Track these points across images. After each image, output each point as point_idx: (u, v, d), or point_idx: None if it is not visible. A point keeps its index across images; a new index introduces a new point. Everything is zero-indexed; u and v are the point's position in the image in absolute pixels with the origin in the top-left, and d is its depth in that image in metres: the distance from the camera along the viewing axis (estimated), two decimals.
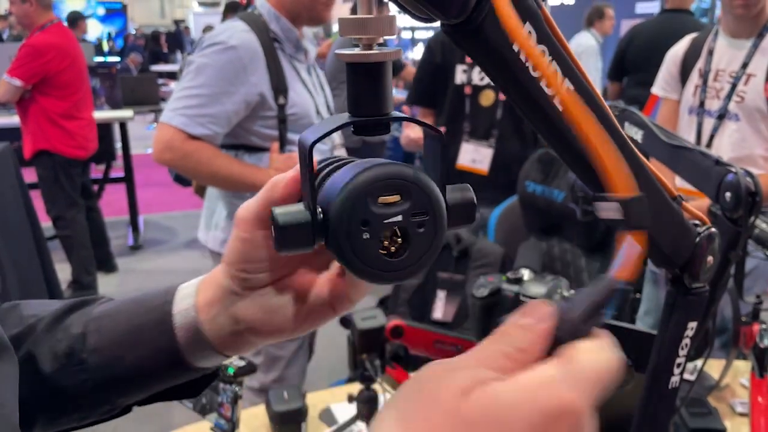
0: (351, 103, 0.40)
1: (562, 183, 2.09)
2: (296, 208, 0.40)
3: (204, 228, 1.95)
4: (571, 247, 2.13)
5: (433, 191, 0.39)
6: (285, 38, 1.79)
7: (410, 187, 0.38)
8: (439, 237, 0.40)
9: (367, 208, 0.38)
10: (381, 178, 0.38)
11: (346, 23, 0.38)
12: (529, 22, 0.40)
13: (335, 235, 0.38)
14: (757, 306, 1.35)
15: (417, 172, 0.39)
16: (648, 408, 0.63)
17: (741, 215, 0.82)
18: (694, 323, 0.60)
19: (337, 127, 0.39)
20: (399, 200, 0.38)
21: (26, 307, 0.59)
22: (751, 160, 2.00)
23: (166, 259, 4.73)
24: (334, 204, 0.38)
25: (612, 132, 0.48)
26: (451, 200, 0.41)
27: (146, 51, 12.23)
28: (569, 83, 0.43)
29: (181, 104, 1.68)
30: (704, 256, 0.57)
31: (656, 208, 0.54)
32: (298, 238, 0.39)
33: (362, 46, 0.39)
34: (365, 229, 0.38)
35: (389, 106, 0.40)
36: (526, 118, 0.45)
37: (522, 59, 0.41)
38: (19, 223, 2.44)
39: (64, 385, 0.53)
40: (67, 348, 0.53)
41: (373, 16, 0.38)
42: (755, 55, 1.99)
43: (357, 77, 0.40)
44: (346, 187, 0.38)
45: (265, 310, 0.50)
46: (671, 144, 0.98)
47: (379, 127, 0.41)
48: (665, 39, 3.68)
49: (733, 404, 1.39)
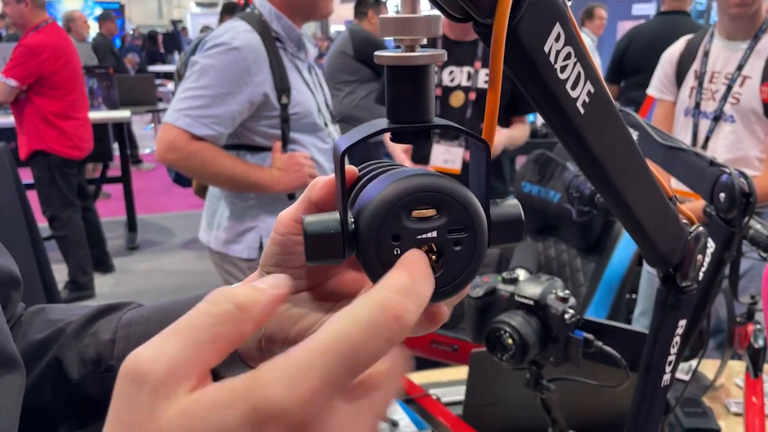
0: (390, 108, 0.38)
1: (557, 184, 2.10)
2: (329, 216, 0.37)
3: (206, 228, 1.95)
4: (567, 248, 2.14)
5: (472, 206, 0.36)
6: (287, 37, 1.80)
7: (447, 200, 0.35)
8: (479, 256, 0.37)
9: (399, 222, 0.35)
10: (415, 190, 0.35)
11: (388, 23, 0.36)
12: (558, 23, 0.39)
13: (364, 249, 0.36)
14: (751, 306, 1.36)
15: (456, 184, 0.36)
16: (640, 406, 0.63)
17: (735, 216, 0.83)
18: (684, 321, 0.60)
19: (373, 133, 0.37)
20: (435, 215, 0.35)
21: (53, 311, 0.57)
22: (747, 161, 2.01)
23: (163, 259, 4.72)
24: (364, 216, 0.35)
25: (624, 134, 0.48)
26: (495, 216, 0.38)
27: (144, 51, 12.22)
28: (590, 86, 0.43)
29: (185, 105, 1.68)
30: (694, 255, 0.57)
31: (656, 207, 0.54)
32: (327, 249, 0.36)
33: (404, 48, 0.36)
34: (396, 244, 0.35)
35: (431, 112, 0.38)
36: (545, 119, 0.44)
37: (551, 61, 0.40)
38: (16, 223, 2.44)
39: (91, 392, 0.51)
40: (95, 354, 0.52)
41: (417, 16, 0.36)
42: (750, 57, 2.00)
43: (397, 81, 0.37)
44: (377, 197, 0.35)
45: (294, 319, 0.45)
46: (666, 145, 0.98)
47: (419, 135, 0.38)
48: (664, 41, 3.70)
49: (727, 404, 1.40)
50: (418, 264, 0.33)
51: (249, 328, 0.29)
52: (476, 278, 1.10)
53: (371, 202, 0.35)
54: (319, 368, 0.26)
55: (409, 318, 0.29)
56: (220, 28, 1.79)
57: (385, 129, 0.37)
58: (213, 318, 0.28)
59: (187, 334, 0.28)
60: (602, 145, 0.46)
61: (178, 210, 5.95)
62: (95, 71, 4.77)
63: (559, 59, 0.40)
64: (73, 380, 0.52)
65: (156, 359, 0.27)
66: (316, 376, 0.26)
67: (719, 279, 0.89)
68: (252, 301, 0.29)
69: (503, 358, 0.97)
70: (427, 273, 0.32)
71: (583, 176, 1.03)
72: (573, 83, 0.41)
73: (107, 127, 4.75)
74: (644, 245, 0.56)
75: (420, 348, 1.32)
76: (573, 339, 0.93)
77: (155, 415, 0.26)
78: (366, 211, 0.35)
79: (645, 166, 0.52)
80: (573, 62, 0.40)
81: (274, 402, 0.25)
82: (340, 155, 0.37)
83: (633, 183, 0.51)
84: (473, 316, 1.05)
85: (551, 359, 0.97)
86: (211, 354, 0.28)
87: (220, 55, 1.68)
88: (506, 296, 1.01)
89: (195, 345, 0.28)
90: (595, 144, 0.45)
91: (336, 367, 0.26)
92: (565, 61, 0.40)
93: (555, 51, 0.39)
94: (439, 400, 1.32)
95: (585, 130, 0.44)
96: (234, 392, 0.26)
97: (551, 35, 0.39)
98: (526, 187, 2.21)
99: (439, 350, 1.31)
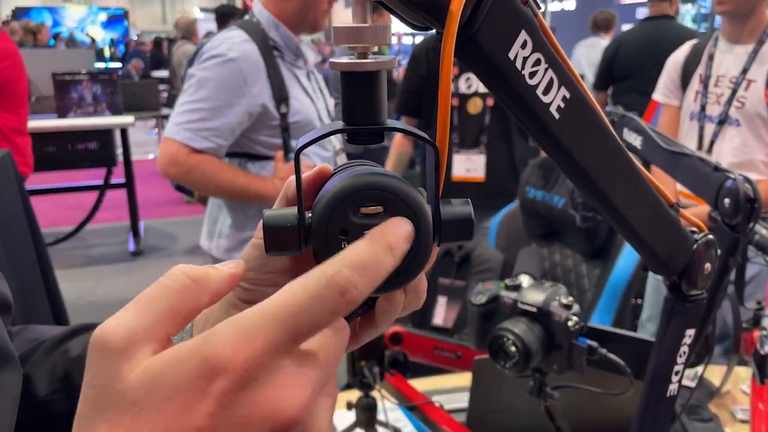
0: (345, 111, 0.40)
1: (562, 189, 2.09)
2: (288, 211, 0.40)
3: (207, 236, 1.95)
4: (571, 253, 2.13)
5: (417, 204, 0.38)
6: (285, 46, 1.79)
7: (393, 198, 0.38)
8: (423, 252, 0.39)
9: (346, 217, 0.37)
10: (363, 188, 0.38)
11: (340, 32, 0.38)
12: (524, 30, 0.40)
13: (315, 242, 0.38)
14: (757, 312, 1.34)
15: (403, 184, 0.38)
16: (646, 416, 0.62)
17: (740, 221, 0.82)
18: (692, 330, 0.59)
19: (328, 133, 0.39)
20: (381, 212, 0.38)
21: (32, 331, 0.58)
22: (753, 165, 1.99)
23: (167, 265, 4.64)
24: (316, 210, 0.38)
25: (607, 139, 0.48)
26: (446, 215, 0.40)
27: (149, 56, 12.26)
28: (566, 91, 0.43)
29: (184, 118, 1.68)
30: (701, 263, 0.56)
31: (651, 214, 0.53)
32: (284, 240, 0.39)
33: (357, 55, 0.39)
34: (344, 239, 0.38)
35: (383, 115, 0.40)
36: (522, 125, 0.45)
37: (518, 67, 0.40)
38: (20, 229, 2.44)
39: (58, 410, 0.51)
40: (62, 372, 0.52)
41: (367, 25, 0.38)
42: (755, 60, 1.99)
43: (351, 86, 0.39)
44: (328, 194, 0.38)
45: None
46: (670, 150, 0.98)
47: (373, 137, 0.40)
48: (651, 45, 3.74)
49: (733, 411, 1.38)
50: (384, 236, 0.34)
51: (204, 299, 0.32)
52: (479, 285, 1.09)
53: (323, 198, 0.38)
54: (263, 330, 0.29)
55: (355, 293, 0.31)
56: (217, 38, 1.78)
57: (340, 130, 0.40)
58: (168, 289, 0.32)
59: (145, 304, 0.31)
60: (582, 151, 0.47)
61: (182, 215, 5.95)
62: (99, 77, 4.78)
63: (527, 65, 0.41)
64: (39, 398, 0.52)
65: (116, 328, 0.30)
66: (260, 337, 0.29)
67: (724, 285, 0.88)
68: (206, 275, 0.33)
69: (506, 366, 0.96)
70: (390, 245, 0.34)
71: None
72: (545, 89, 0.42)
73: (111, 133, 4.75)
74: (641, 251, 0.55)
75: (423, 354, 1.32)
76: (577, 346, 0.92)
77: (120, 376, 0.29)
78: (318, 206, 0.38)
79: (636, 171, 0.51)
80: (543, 68, 0.42)
81: (222, 357, 0.28)
82: (296, 153, 0.39)
83: (623, 189, 0.51)
84: (476, 323, 1.04)
85: (555, 367, 0.96)
86: (168, 322, 0.31)
87: (217, 67, 1.68)
88: (509, 303, 1.00)
89: (152, 313, 0.31)
90: (574, 149, 0.46)
91: (279, 330, 0.29)
92: (534, 67, 0.41)
93: (522, 57, 0.41)
94: (442, 407, 1.31)
95: (561, 135, 0.44)
96: (189, 348, 0.29)
97: (516, 42, 0.40)
98: (531, 192, 2.20)
99: (442, 357, 1.30)
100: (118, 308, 0.31)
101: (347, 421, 1.32)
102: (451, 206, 0.40)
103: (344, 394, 1.46)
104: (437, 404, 1.31)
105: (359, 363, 1.25)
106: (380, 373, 1.27)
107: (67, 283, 3.98)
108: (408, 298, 0.43)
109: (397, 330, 1.29)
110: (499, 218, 2.41)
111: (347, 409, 1.30)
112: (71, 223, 5.22)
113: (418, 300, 0.43)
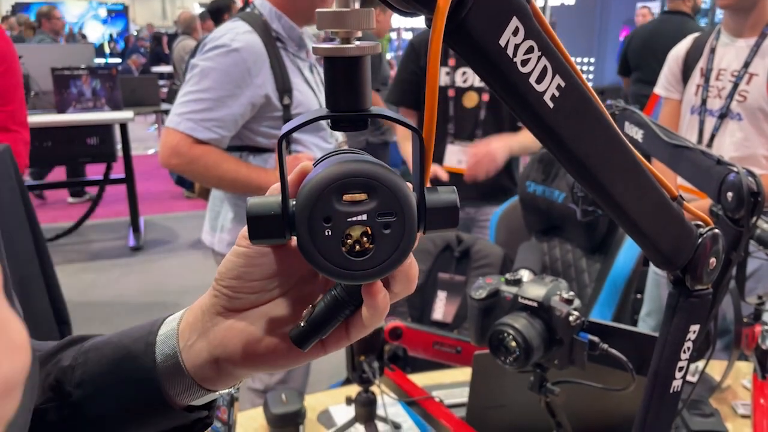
0: (328, 97, 0.40)
1: (562, 183, 2.08)
2: (272, 199, 0.39)
3: (209, 230, 1.94)
4: (572, 248, 2.12)
5: (401, 191, 0.38)
6: (287, 37, 1.78)
7: (377, 186, 0.37)
8: (408, 239, 0.38)
9: (330, 205, 0.37)
10: (346, 175, 0.37)
11: (324, 16, 0.38)
12: (516, 17, 0.39)
13: (298, 230, 0.38)
14: (759, 307, 1.34)
15: (387, 171, 0.38)
16: (649, 412, 0.61)
17: (743, 215, 0.81)
18: (697, 326, 0.58)
19: (311, 120, 0.39)
20: (365, 199, 0.38)
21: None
22: (754, 159, 1.98)
23: (167, 260, 4.70)
24: (299, 198, 0.38)
25: (606, 131, 0.47)
26: (431, 203, 0.40)
27: (149, 52, 12.23)
28: (560, 79, 0.42)
29: (186, 108, 1.67)
30: (707, 258, 0.56)
31: (653, 207, 0.53)
32: (268, 229, 0.39)
33: (340, 40, 0.38)
34: (327, 226, 0.37)
35: (367, 101, 0.40)
36: (516, 115, 0.44)
37: (509, 55, 0.40)
38: (19, 224, 2.43)
39: (50, 419, 0.51)
40: (54, 381, 0.51)
41: (350, 10, 0.37)
42: (757, 54, 1.98)
43: (334, 71, 0.39)
44: (312, 181, 0.38)
45: (247, 335, 0.46)
46: (672, 143, 0.97)
47: (356, 123, 0.40)
48: (658, 40, 3.77)
49: (735, 406, 1.38)
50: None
51: None
52: (479, 279, 1.08)
53: (306, 186, 0.38)
54: None
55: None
56: (220, 29, 1.77)
57: (323, 116, 0.39)
58: None
59: None
60: (579, 141, 0.46)
61: (182, 211, 5.95)
62: (98, 72, 4.76)
63: (519, 53, 0.40)
64: (33, 408, 0.51)
65: None
66: None
67: (726, 280, 0.87)
68: None
69: (507, 361, 0.95)
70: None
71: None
72: (538, 77, 0.42)
73: (111, 128, 4.74)
74: (643, 244, 0.54)
75: (423, 349, 1.31)
76: (578, 341, 0.92)
77: None
78: (301, 194, 0.38)
79: (637, 163, 0.50)
80: (537, 56, 0.41)
81: None
82: (279, 139, 0.39)
83: (623, 181, 0.50)
84: (476, 317, 1.03)
85: (556, 362, 0.95)
86: None
87: (220, 57, 1.67)
88: (510, 298, 0.99)
89: None
90: (570, 139, 0.45)
91: None
92: (526, 55, 0.41)
93: (513, 45, 0.40)
94: (441, 402, 1.31)
95: (555, 123, 0.44)
96: None
97: (507, 29, 0.39)
98: (531, 186, 2.19)
99: (442, 352, 1.30)
100: (118, 304, 0.29)
101: (347, 416, 1.31)
102: (437, 194, 0.40)
103: (344, 389, 1.46)
104: (437, 399, 1.31)
105: (359, 358, 1.25)
106: (380, 368, 1.27)
107: (67, 278, 3.98)
108: (399, 285, 0.42)
109: (397, 325, 1.28)
110: (499, 213, 2.41)
111: (347, 404, 1.29)
112: (71, 219, 5.23)
113: (410, 286, 0.43)
